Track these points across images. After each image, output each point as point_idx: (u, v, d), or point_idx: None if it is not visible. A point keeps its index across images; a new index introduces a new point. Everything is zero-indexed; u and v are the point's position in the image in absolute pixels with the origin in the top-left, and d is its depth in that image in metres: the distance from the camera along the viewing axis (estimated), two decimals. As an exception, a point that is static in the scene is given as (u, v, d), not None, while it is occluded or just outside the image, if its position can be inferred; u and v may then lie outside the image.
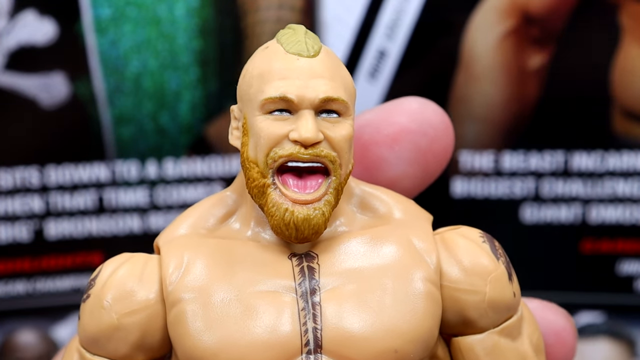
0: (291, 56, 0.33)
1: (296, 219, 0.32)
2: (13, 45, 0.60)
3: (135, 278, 0.33)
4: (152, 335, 0.33)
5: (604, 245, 0.67)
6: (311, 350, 0.32)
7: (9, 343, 0.67)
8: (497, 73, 0.64)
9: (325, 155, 0.33)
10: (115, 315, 0.33)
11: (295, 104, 0.32)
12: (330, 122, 0.33)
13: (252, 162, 0.33)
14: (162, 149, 0.64)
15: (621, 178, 0.66)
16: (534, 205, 0.67)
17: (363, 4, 0.63)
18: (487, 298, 0.34)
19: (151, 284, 0.33)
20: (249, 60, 0.35)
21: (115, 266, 0.34)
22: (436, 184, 0.67)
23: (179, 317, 0.32)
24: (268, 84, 0.33)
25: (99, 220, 0.65)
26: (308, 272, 0.33)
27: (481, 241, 0.36)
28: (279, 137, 0.33)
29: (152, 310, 0.33)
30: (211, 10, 0.62)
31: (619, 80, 0.64)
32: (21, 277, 0.66)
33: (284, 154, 0.32)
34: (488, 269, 0.35)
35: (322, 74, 0.33)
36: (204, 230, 0.35)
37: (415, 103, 0.39)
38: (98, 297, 0.33)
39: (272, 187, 0.33)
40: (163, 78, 0.62)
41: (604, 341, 0.68)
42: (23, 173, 0.63)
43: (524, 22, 0.63)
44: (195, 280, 0.33)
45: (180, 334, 0.32)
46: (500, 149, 0.66)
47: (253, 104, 0.33)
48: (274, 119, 0.33)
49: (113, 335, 0.33)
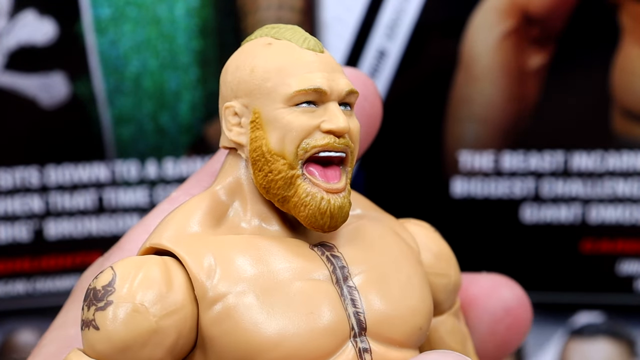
0: (307, 51, 0.34)
1: (333, 207, 0.33)
2: (13, 45, 0.60)
3: (161, 279, 0.32)
4: (185, 337, 0.32)
5: (603, 245, 0.67)
6: (356, 334, 0.32)
7: (9, 343, 0.67)
8: (497, 73, 0.64)
9: (349, 145, 0.34)
10: (153, 318, 0.31)
11: (326, 96, 0.33)
12: (347, 114, 0.34)
13: (277, 154, 0.33)
14: (162, 149, 0.64)
15: (621, 178, 0.66)
16: (534, 205, 0.67)
17: (363, 4, 0.63)
18: (452, 281, 0.37)
19: (180, 284, 0.32)
20: (241, 56, 0.35)
21: (133, 269, 0.32)
22: (436, 184, 0.67)
23: (227, 312, 0.32)
24: (294, 77, 0.33)
25: (98, 220, 0.65)
26: (334, 260, 0.34)
27: (433, 230, 0.38)
28: (311, 128, 0.33)
29: (186, 311, 0.32)
30: (211, 10, 0.62)
31: (618, 81, 0.64)
32: (21, 277, 0.66)
33: (318, 144, 0.33)
34: (449, 254, 0.38)
35: (337, 68, 0.34)
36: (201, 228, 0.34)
37: (348, 72, 0.40)
38: (127, 302, 0.31)
39: (302, 178, 0.33)
40: (163, 78, 0.62)
41: (604, 341, 0.68)
42: (23, 173, 0.63)
43: (524, 22, 0.63)
44: (232, 275, 0.32)
45: (230, 328, 0.32)
46: (500, 149, 0.66)
47: (273, 98, 0.33)
48: (302, 111, 0.33)
49: (150, 340, 0.32)
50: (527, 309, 0.42)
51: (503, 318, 0.41)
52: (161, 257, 0.33)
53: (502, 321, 0.41)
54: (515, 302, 0.41)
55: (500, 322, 0.41)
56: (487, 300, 0.41)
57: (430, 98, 0.65)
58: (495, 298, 0.41)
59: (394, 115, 0.65)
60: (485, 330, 0.41)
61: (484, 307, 0.41)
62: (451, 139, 0.65)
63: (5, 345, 0.67)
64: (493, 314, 0.41)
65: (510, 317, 0.41)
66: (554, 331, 0.70)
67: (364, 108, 0.41)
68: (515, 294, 0.42)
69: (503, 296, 0.41)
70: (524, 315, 0.41)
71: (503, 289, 0.42)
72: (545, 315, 0.70)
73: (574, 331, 0.69)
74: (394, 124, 0.65)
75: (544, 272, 0.68)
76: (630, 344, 0.68)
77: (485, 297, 0.41)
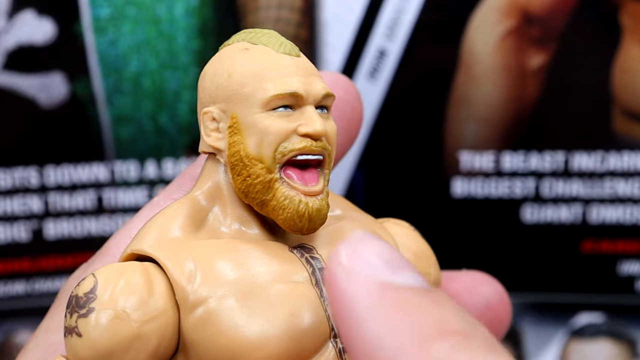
0: (283, 55, 0.34)
1: (311, 210, 0.34)
2: (12, 45, 0.60)
3: (142, 285, 0.32)
4: (166, 342, 0.33)
5: (604, 246, 0.67)
6: (336, 334, 0.33)
7: (8, 343, 0.67)
8: (497, 73, 0.64)
9: (326, 148, 0.34)
10: (135, 323, 0.32)
11: (303, 99, 0.34)
12: (324, 117, 0.35)
13: (255, 158, 0.34)
14: (161, 149, 0.64)
15: (622, 178, 0.66)
16: (535, 206, 0.67)
17: (363, 4, 0.63)
18: (432, 279, 0.38)
19: (161, 290, 0.33)
20: (218, 62, 0.35)
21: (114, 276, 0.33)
22: (436, 184, 0.67)
23: (208, 316, 0.32)
24: (271, 82, 0.34)
25: (98, 220, 0.65)
26: (314, 262, 0.34)
27: (412, 229, 0.39)
28: (288, 132, 0.33)
29: (167, 316, 0.32)
30: (210, 10, 0.62)
31: (619, 80, 0.64)
32: (20, 277, 0.66)
33: (295, 148, 0.33)
34: (428, 252, 0.38)
35: (313, 72, 0.35)
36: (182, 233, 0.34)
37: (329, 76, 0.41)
38: (108, 308, 0.32)
39: (280, 182, 0.34)
40: (162, 78, 0.62)
41: (605, 342, 0.68)
42: (22, 173, 0.63)
43: (524, 22, 0.63)
44: (213, 279, 0.32)
45: (211, 333, 0.32)
46: (500, 149, 0.65)
47: (250, 102, 0.34)
48: (279, 115, 0.33)
49: (132, 345, 0.32)
50: (507, 305, 0.42)
51: (484, 314, 0.42)
52: (142, 263, 0.33)
53: (483, 317, 0.42)
54: (496, 298, 0.42)
55: (481, 317, 0.41)
56: (468, 297, 0.42)
57: (431, 98, 0.65)
58: (476, 294, 0.42)
59: (394, 115, 0.65)
60: None
61: (465, 303, 0.42)
62: (451, 139, 0.65)
63: (5, 345, 0.67)
64: (474, 311, 0.42)
65: (491, 312, 0.42)
66: (554, 331, 0.70)
67: (345, 111, 0.41)
68: (495, 290, 0.42)
69: (484, 293, 0.42)
70: (503, 311, 0.42)
71: (483, 286, 0.42)
72: (546, 315, 0.70)
73: (575, 331, 0.69)
74: (394, 124, 0.65)
75: (544, 273, 0.68)
76: (631, 344, 0.68)
77: (466, 293, 0.42)
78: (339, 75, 0.42)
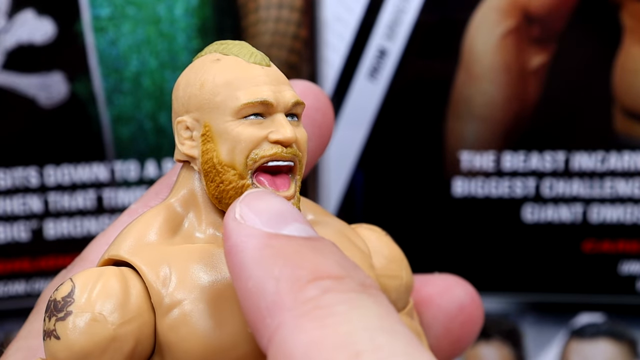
0: (254, 65, 0.35)
1: None
2: (12, 45, 0.60)
3: (119, 289, 0.33)
4: (143, 344, 0.33)
5: (605, 246, 0.67)
6: None
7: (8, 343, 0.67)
8: (498, 73, 0.64)
9: (297, 154, 0.35)
10: (111, 326, 0.33)
11: (273, 107, 0.35)
12: (294, 124, 0.35)
13: (227, 165, 0.34)
14: (161, 148, 0.64)
15: (622, 178, 0.66)
16: (535, 206, 0.67)
17: (363, 4, 0.63)
18: (404, 282, 0.39)
19: (137, 294, 0.33)
20: (191, 73, 0.36)
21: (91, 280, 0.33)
22: (437, 183, 0.67)
23: (182, 319, 0.33)
24: (241, 90, 0.34)
25: (98, 220, 0.65)
26: None
27: (384, 234, 0.40)
28: (259, 139, 0.34)
29: (143, 318, 0.33)
30: (210, 10, 0.62)
31: (620, 80, 0.64)
32: (20, 277, 0.66)
33: (266, 155, 0.34)
34: (400, 256, 0.39)
35: (283, 80, 0.36)
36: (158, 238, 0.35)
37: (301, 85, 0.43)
38: (85, 311, 0.33)
39: (252, 187, 0.34)
40: (162, 78, 0.62)
41: (605, 342, 0.68)
42: (22, 173, 0.63)
43: (525, 21, 0.63)
44: (187, 283, 0.33)
45: (186, 335, 0.33)
46: (500, 149, 0.65)
47: (222, 111, 0.35)
48: (250, 123, 0.34)
49: (109, 347, 0.33)
50: (479, 307, 0.43)
51: (457, 316, 0.43)
52: (119, 267, 0.34)
53: (456, 319, 0.43)
54: (468, 300, 0.43)
55: (454, 319, 0.42)
56: (442, 299, 0.43)
57: (431, 98, 0.65)
58: (449, 296, 0.43)
59: (394, 115, 0.65)
60: (440, 328, 0.42)
61: (439, 305, 0.42)
62: (452, 139, 0.65)
63: (4, 345, 0.67)
64: (447, 312, 0.42)
65: (464, 314, 0.43)
66: (554, 332, 0.70)
67: (316, 119, 0.42)
68: (468, 292, 0.43)
69: (456, 295, 0.43)
70: (476, 313, 0.43)
71: (456, 288, 0.43)
72: (546, 315, 0.70)
73: (575, 332, 0.69)
74: (394, 124, 0.65)
75: (545, 273, 0.68)
76: (632, 344, 0.68)
77: (439, 296, 0.43)
78: (309, 84, 0.43)
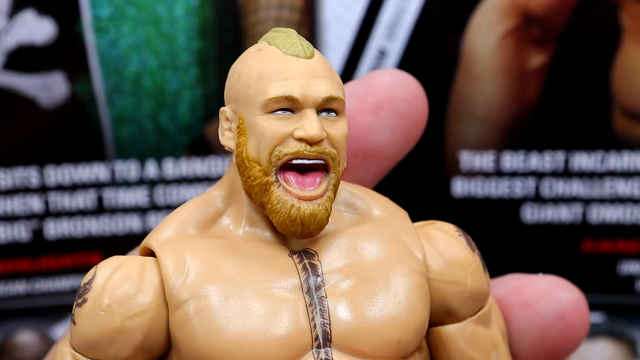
0: (290, 57, 0.34)
1: (303, 215, 0.33)
2: (12, 45, 0.60)
3: (134, 281, 0.33)
4: (154, 337, 0.33)
5: (604, 246, 0.67)
6: (320, 345, 0.32)
7: (9, 343, 0.67)
8: (497, 73, 0.64)
9: (328, 152, 0.34)
10: (118, 318, 0.33)
11: (299, 103, 0.33)
12: (330, 120, 0.34)
13: (254, 160, 0.34)
14: (161, 149, 0.64)
15: (622, 178, 0.66)
16: (535, 206, 0.67)
17: (363, 4, 0.63)
18: (468, 288, 0.36)
19: (151, 286, 0.33)
20: (237, 62, 0.35)
21: (111, 269, 0.34)
22: (437, 184, 0.67)
23: (186, 318, 0.33)
24: (270, 84, 0.33)
25: (98, 220, 0.65)
26: (310, 268, 0.34)
27: (457, 235, 0.38)
28: (284, 135, 0.33)
29: (154, 313, 0.33)
30: (211, 10, 0.62)
31: (619, 81, 0.64)
32: (21, 277, 0.66)
33: (289, 152, 0.33)
34: (467, 260, 0.37)
35: (321, 74, 0.34)
36: (195, 230, 0.35)
37: (390, 74, 0.41)
38: (97, 301, 0.33)
39: (276, 185, 0.34)
40: (163, 78, 0.62)
41: (605, 341, 0.68)
42: (22, 173, 0.63)
43: (524, 21, 0.63)
44: (201, 280, 0.33)
45: (188, 334, 0.33)
46: (500, 149, 0.65)
47: (252, 104, 0.34)
48: (277, 118, 0.33)
49: (115, 339, 0.33)
50: (583, 314, 0.40)
51: (556, 322, 0.39)
52: (143, 258, 0.34)
53: (555, 326, 0.39)
54: (570, 306, 0.40)
55: (553, 326, 0.39)
56: (540, 304, 0.40)
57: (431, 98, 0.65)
58: (549, 301, 0.40)
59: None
60: (537, 334, 0.39)
61: (537, 310, 0.39)
62: (452, 139, 0.65)
63: (5, 345, 0.67)
64: (545, 318, 0.39)
65: (564, 321, 0.40)
66: (554, 331, 0.70)
67: (402, 111, 0.41)
68: (572, 297, 0.40)
69: (558, 300, 0.40)
70: (579, 320, 0.40)
71: (559, 292, 0.40)
72: (546, 315, 0.70)
73: (575, 331, 0.69)
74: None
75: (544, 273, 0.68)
76: (631, 344, 0.68)
77: (538, 300, 0.40)
78: (400, 74, 0.41)
